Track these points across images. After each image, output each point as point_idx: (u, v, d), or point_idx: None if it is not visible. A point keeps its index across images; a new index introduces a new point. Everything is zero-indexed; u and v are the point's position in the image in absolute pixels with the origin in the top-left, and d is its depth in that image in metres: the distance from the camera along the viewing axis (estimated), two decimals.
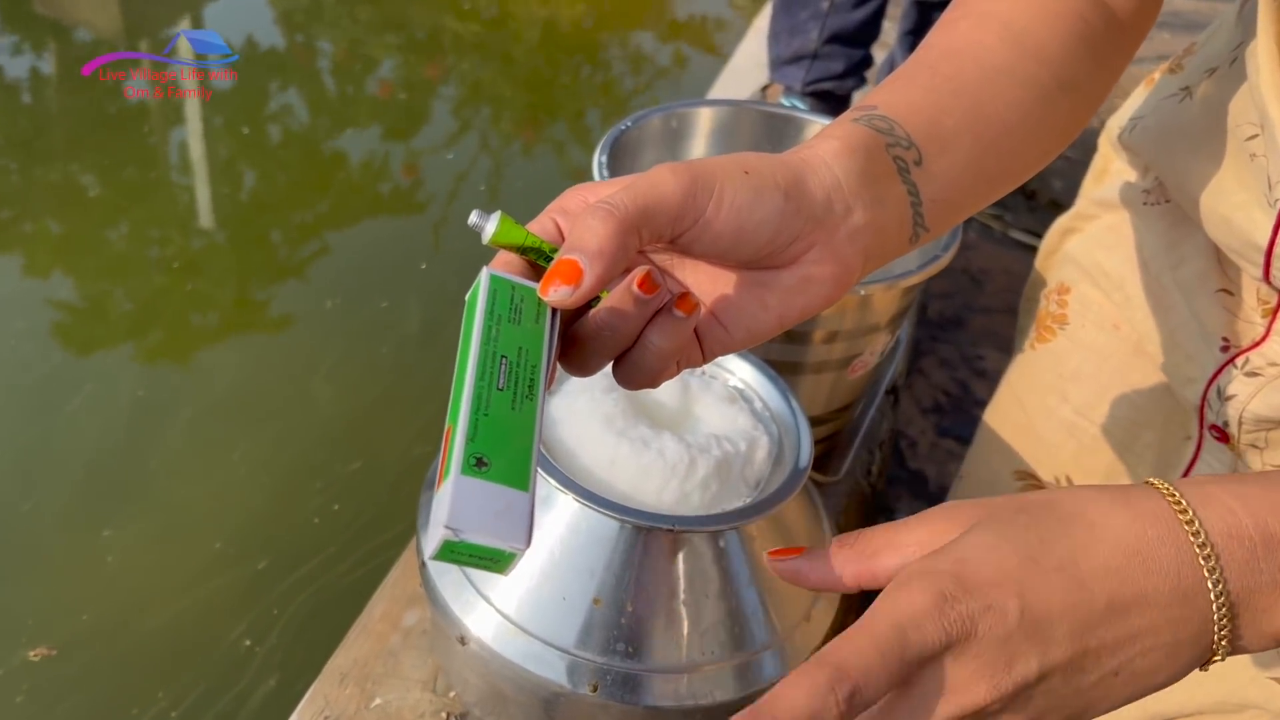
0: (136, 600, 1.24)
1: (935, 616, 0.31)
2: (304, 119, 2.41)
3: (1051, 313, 0.77)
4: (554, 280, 0.35)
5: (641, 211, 0.35)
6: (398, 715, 0.70)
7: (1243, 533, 0.32)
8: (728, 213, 0.36)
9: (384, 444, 1.48)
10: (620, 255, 0.34)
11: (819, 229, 0.38)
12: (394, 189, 2.20)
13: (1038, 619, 0.31)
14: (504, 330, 0.35)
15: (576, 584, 0.60)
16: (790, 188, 0.38)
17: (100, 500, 1.37)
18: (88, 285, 1.79)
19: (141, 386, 1.56)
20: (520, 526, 0.31)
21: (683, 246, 0.38)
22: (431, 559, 0.31)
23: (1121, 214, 0.72)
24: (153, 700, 1.14)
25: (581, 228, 0.34)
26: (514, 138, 2.53)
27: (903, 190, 0.41)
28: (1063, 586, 0.32)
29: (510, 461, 0.32)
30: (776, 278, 0.39)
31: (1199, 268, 0.62)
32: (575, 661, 0.59)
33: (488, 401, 0.33)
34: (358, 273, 1.88)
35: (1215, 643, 0.32)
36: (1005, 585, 0.31)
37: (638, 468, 0.61)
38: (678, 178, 0.36)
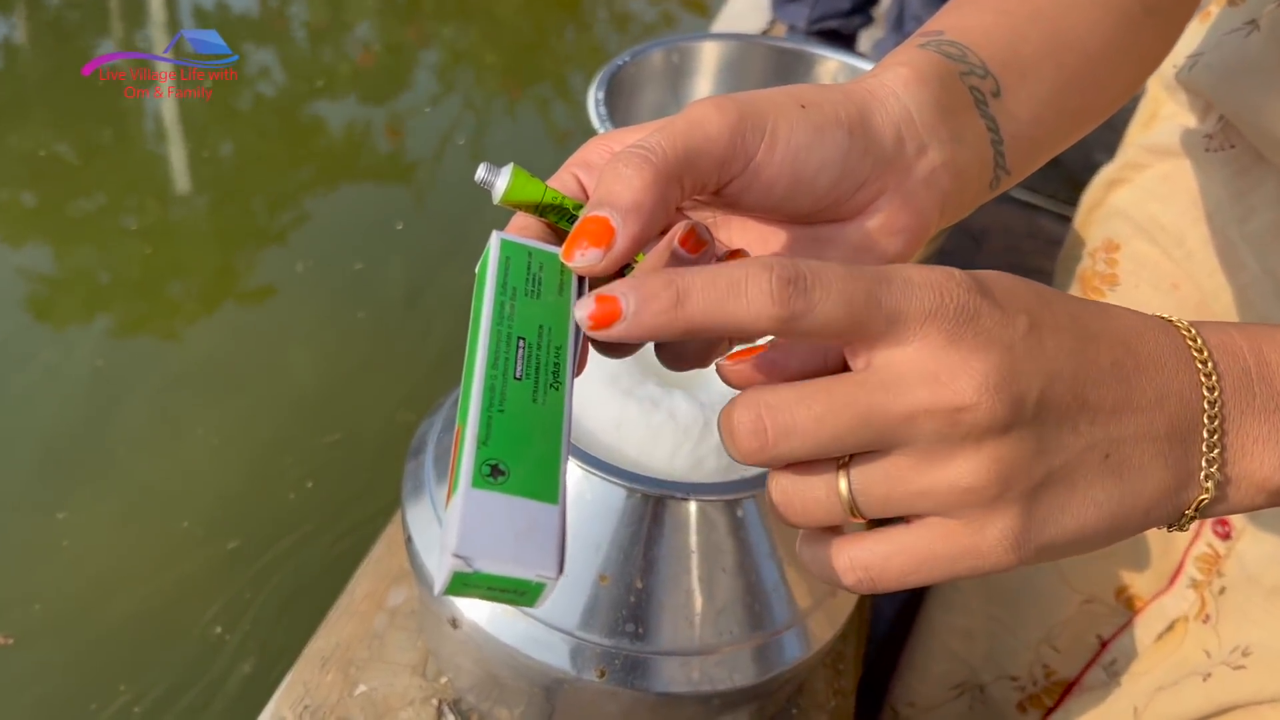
0: (96, 587, 1.17)
1: (933, 285, 0.26)
2: (281, 82, 2.32)
3: (1099, 272, 0.72)
4: (580, 242, 0.29)
5: (683, 156, 0.29)
6: (384, 703, 0.65)
7: (1238, 350, 0.29)
8: (783, 155, 0.31)
9: (365, 413, 1.42)
10: (659, 210, 0.29)
11: (889, 172, 0.33)
12: (371, 150, 2.13)
13: (1044, 343, 0.26)
14: (520, 306, 0.29)
15: (581, 559, 0.54)
16: (855, 123, 0.32)
17: (55, 480, 1.29)
18: (46, 251, 1.71)
19: (100, 356, 1.48)
20: (549, 549, 0.25)
21: (730, 198, 0.32)
22: (441, 594, 0.25)
23: (1178, 161, 0.67)
24: (114, 694, 1.07)
25: (612, 177, 0.29)
26: (497, 96, 2.46)
27: (982, 125, 0.36)
28: (1071, 332, 0.27)
29: (533, 468, 0.26)
30: (840, 232, 0.34)
31: (1271, 219, 0.57)
32: (580, 644, 0.54)
33: (503, 395, 0.27)
34: (333, 236, 1.80)
35: (1205, 465, 0.28)
36: (1015, 302, 0.27)
37: (647, 430, 0.55)
38: (723, 114, 0.30)
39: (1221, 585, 0.57)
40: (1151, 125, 0.70)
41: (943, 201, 0.35)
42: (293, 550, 1.23)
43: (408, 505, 0.61)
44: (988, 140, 0.36)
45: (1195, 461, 0.28)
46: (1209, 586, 0.58)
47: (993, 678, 0.72)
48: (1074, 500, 0.27)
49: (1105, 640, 0.65)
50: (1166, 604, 0.61)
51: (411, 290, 1.64)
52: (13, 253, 1.69)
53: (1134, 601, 0.64)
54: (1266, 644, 0.53)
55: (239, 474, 1.32)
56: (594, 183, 0.32)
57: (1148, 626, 0.62)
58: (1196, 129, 0.64)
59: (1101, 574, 0.65)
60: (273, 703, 0.65)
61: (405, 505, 0.62)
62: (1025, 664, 0.70)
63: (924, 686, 0.78)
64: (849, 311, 0.25)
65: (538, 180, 0.32)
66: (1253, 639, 0.54)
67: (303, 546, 1.24)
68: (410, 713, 0.64)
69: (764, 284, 0.25)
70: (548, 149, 2.21)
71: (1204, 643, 0.57)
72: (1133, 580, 0.64)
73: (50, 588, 1.16)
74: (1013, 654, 0.70)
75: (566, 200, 0.32)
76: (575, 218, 0.31)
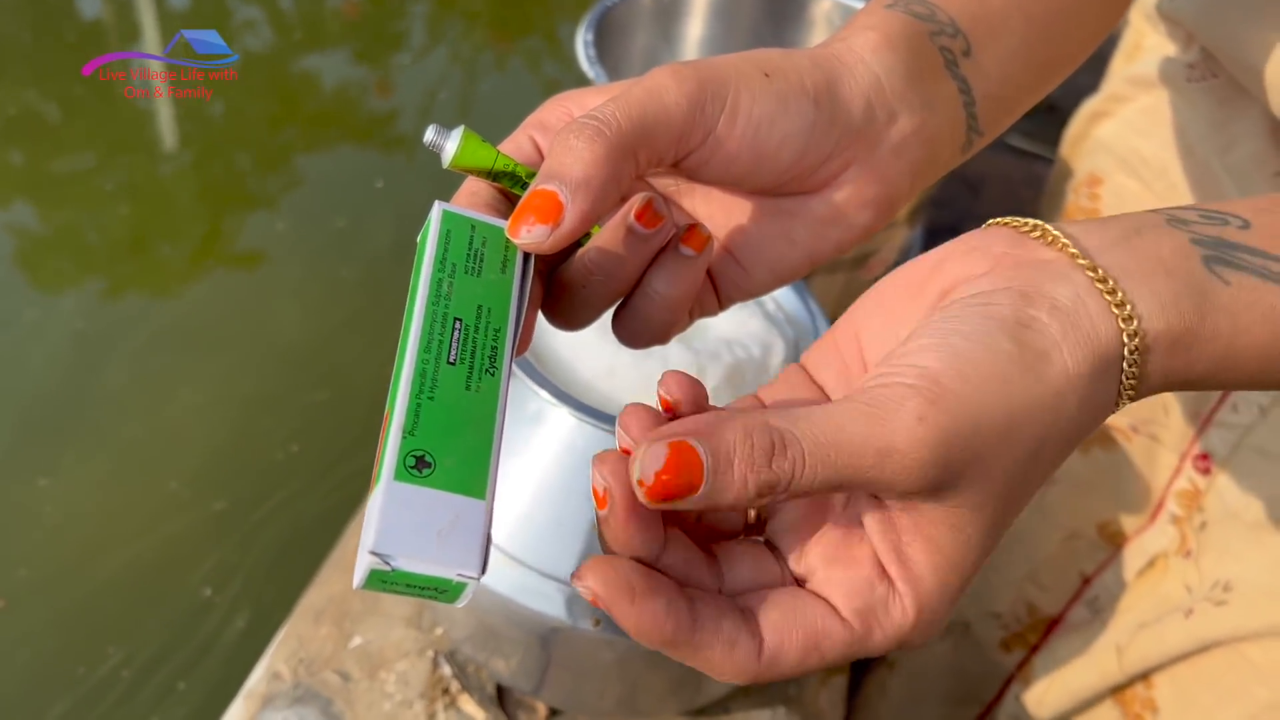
0: (80, 553, 1.15)
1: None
2: (263, 35, 2.28)
3: (1082, 207, 0.71)
4: (526, 217, 0.27)
5: (638, 128, 0.28)
6: (379, 655, 0.65)
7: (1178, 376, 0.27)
8: (744, 128, 0.30)
9: (355, 368, 1.40)
10: (611, 185, 0.27)
11: (857, 143, 0.32)
12: (355, 105, 2.09)
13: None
14: (459, 284, 0.28)
15: (574, 508, 0.53)
16: (821, 93, 0.31)
17: (35, 445, 1.26)
18: (26, 209, 1.67)
19: (80, 318, 1.44)
20: (473, 546, 0.24)
21: (689, 170, 0.31)
22: (359, 589, 0.24)
23: (1161, 93, 0.65)
24: (102, 657, 1.05)
25: (562, 149, 0.27)
26: (485, 50, 2.42)
27: (953, 87, 0.34)
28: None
29: (462, 460, 0.25)
30: (805, 205, 0.33)
31: (1253, 149, 0.56)
32: (573, 593, 0.53)
33: (433, 381, 0.26)
34: (317, 193, 1.77)
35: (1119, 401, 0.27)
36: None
37: (639, 377, 0.54)
38: (681, 84, 0.29)
39: (1202, 520, 0.57)
40: (1135, 57, 0.69)
41: (914, 170, 0.33)
42: (283, 506, 1.22)
43: None
44: (959, 102, 0.35)
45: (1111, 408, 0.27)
46: (1189, 522, 0.58)
47: (977, 615, 0.72)
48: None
49: (1088, 576, 0.65)
50: (1148, 540, 0.61)
51: (398, 247, 1.62)
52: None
53: (1116, 538, 0.64)
54: (1248, 578, 0.54)
55: (227, 433, 1.31)
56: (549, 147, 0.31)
57: (1130, 563, 0.62)
58: (1178, 60, 0.63)
59: (1084, 509, 0.65)
60: (267, 657, 0.64)
61: None
62: (1009, 601, 0.70)
63: None
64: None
65: (489, 145, 0.31)
66: (1234, 574, 0.54)
67: (293, 503, 1.23)
68: (406, 664, 0.64)
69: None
70: (537, 102, 2.18)
71: (1185, 578, 0.57)
72: (1115, 516, 0.64)
73: (32, 555, 1.14)
74: (996, 591, 0.71)
75: (519, 167, 0.31)
76: (529, 185, 0.30)
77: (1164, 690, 0.57)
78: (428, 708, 0.62)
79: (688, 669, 0.58)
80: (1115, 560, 0.63)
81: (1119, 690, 0.60)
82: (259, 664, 0.64)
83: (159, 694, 1.04)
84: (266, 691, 0.62)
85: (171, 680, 1.05)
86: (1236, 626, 0.54)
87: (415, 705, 0.62)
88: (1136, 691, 0.59)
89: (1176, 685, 0.57)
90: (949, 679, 0.76)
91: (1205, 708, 0.55)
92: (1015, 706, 0.68)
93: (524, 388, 0.54)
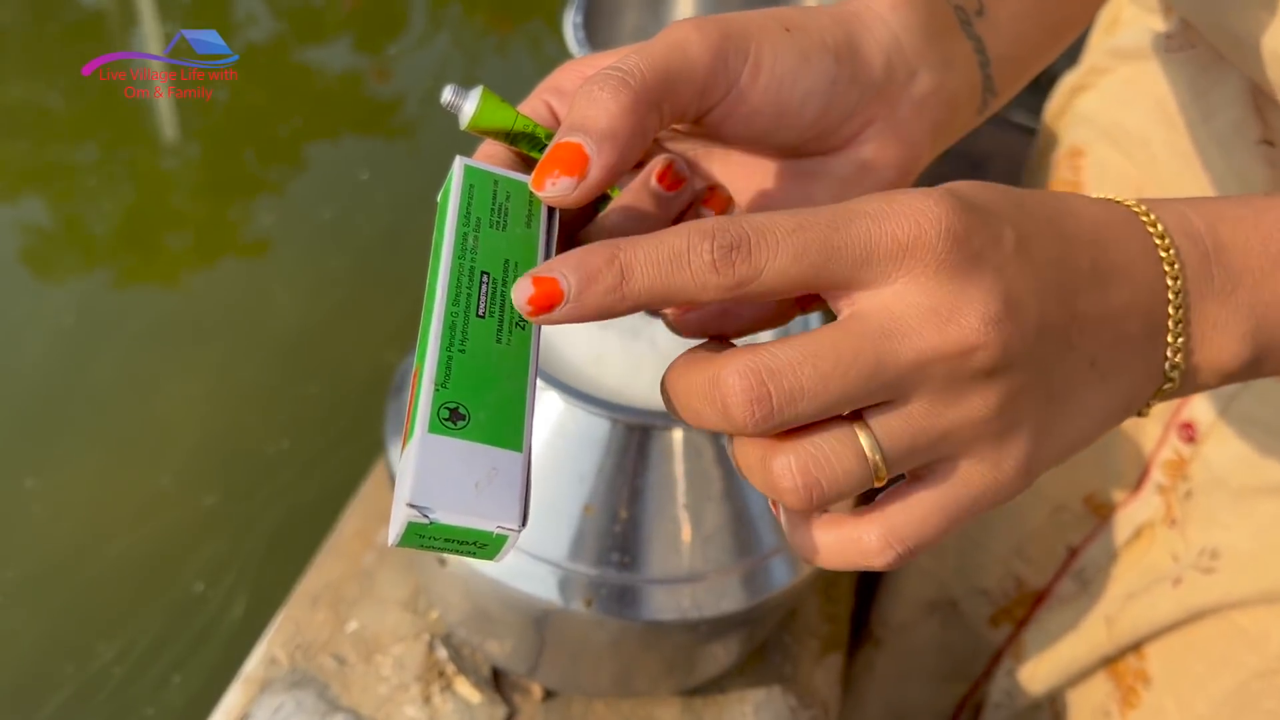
0: (69, 551, 1.14)
1: (908, 212, 0.23)
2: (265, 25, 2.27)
3: (1065, 179, 0.71)
4: (551, 170, 0.27)
5: (662, 80, 0.27)
6: (375, 639, 0.65)
7: (1196, 233, 0.28)
8: (767, 82, 0.29)
9: (351, 354, 1.40)
10: (637, 137, 0.27)
11: (878, 101, 0.31)
12: (356, 92, 2.08)
13: (1033, 258, 0.25)
14: (485, 238, 0.27)
15: (565, 491, 0.54)
16: (842, 49, 0.30)
17: (20, 445, 1.25)
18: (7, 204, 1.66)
19: (68, 313, 1.43)
20: (512, 498, 0.23)
21: (710, 128, 0.30)
22: (395, 545, 0.23)
23: (1142, 64, 0.65)
24: (91, 654, 1.05)
25: (586, 101, 0.27)
26: (486, 34, 2.41)
27: (968, 46, 0.34)
28: (1051, 237, 0.26)
29: (496, 412, 0.24)
30: (826, 165, 0.32)
31: (1233, 117, 0.56)
32: (566, 575, 0.53)
33: (464, 333, 0.25)
34: (312, 182, 1.77)
35: (1170, 355, 0.27)
36: (999, 215, 0.25)
37: (628, 360, 0.54)
38: (705, 36, 0.28)
39: (1188, 489, 0.57)
40: (1114, 30, 0.68)
41: (934, 129, 0.33)
42: (276, 497, 1.21)
43: (390, 444, 0.61)
44: (975, 62, 0.34)
45: (1162, 353, 0.27)
46: (1174, 491, 0.58)
47: (964, 592, 0.72)
48: (1070, 412, 0.26)
49: (1075, 549, 0.65)
50: (1134, 510, 0.61)
51: (391, 234, 1.62)
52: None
53: (1102, 509, 0.64)
54: (1235, 545, 0.54)
55: (217, 426, 1.30)
56: (566, 110, 0.30)
57: (1117, 534, 0.62)
58: (1158, 31, 0.63)
59: (1069, 481, 0.65)
60: (263, 642, 0.65)
61: (387, 445, 0.61)
62: (996, 577, 0.70)
63: (897, 605, 0.78)
64: (803, 266, 0.23)
65: (508, 105, 0.30)
66: (1221, 541, 0.54)
67: (286, 493, 1.22)
68: (401, 648, 0.64)
69: (705, 253, 0.23)
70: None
71: (1171, 547, 0.58)
72: (1100, 487, 0.64)
73: (21, 555, 1.13)
74: (983, 567, 0.71)
75: (539, 128, 0.30)
76: (547, 147, 0.29)
77: (1155, 661, 0.58)
78: (424, 690, 0.63)
79: (681, 649, 0.58)
80: (1102, 532, 0.64)
81: (1111, 662, 0.60)
82: (255, 649, 0.64)
83: (153, 686, 1.04)
84: (264, 676, 0.63)
85: (167, 673, 1.05)
86: (1225, 594, 0.54)
87: (411, 688, 0.63)
88: (1129, 663, 0.59)
89: (1168, 655, 0.57)
90: (936, 656, 0.76)
91: (1197, 676, 0.55)
92: (1006, 681, 0.68)
93: None
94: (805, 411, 0.23)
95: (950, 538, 0.27)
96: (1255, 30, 0.49)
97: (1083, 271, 0.26)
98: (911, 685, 0.78)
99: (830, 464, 0.24)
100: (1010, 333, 0.24)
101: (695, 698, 0.66)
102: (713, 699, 0.66)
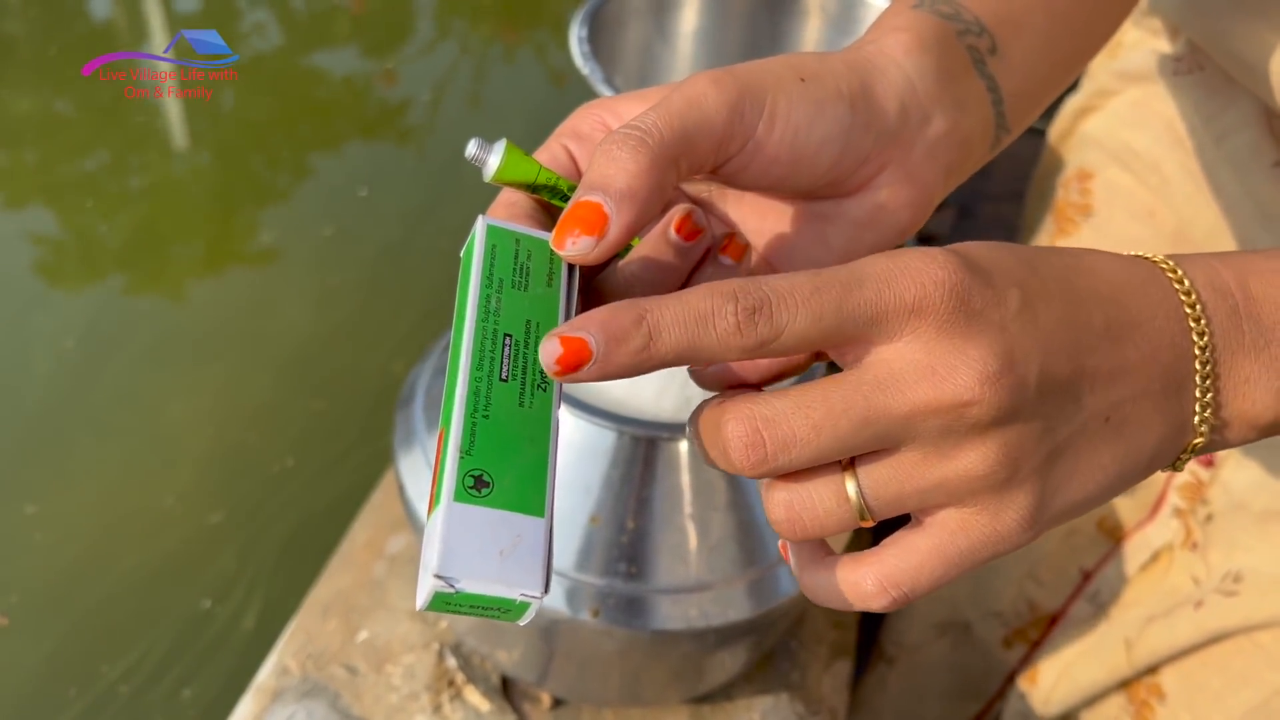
0: (71, 576, 1.13)
1: (913, 274, 0.24)
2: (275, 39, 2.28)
3: (1073, 202, 0.71)
4: (572, 229, 0.27)
5: (680, 137, 0.28)
6: (386, 649, 0.66)
7: (1225, 288, 0.28)
8: (782, 133, 0.30)
9: (359, 364, 1.40)
10: (655, 195, 0.27)
11: (893, 146, 0.32)
12: (363, 102, 2.09)
13: (1038, 318, 0.25)
14: (507, 299, 0.27)
15: (572, 502, 0.54)
16: (857, 97, 0.31)
17: (21, 470, 1.23)
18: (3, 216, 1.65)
19: (69, 334, 1.41)
20: (535, 565, 0.24)
21: (728, 175, 0.31)
22: (423, 610, 0.24)
23: (1149, 87, 0.65)
24: (95, 676, 1.04)
25: (605, 160, 0.27)
26: (493, 41, 2.41)
27: (982, 86, 0.34)
28: (1062, 298, 0.26)
29: (519, 478, 0.25)
30: (840, 208, 0.33)
31: (1248, 139, 0.56)
32: (573, 585, 0.54)
33: (488, 399, 0.25)
34: (316, 196, 1.77)
35: (1199, 410, 0.28)
36: (1004, 277, 0.26)
37: (634, 377, 0.55)
38: (721, 91, 0.29)
39: (1208, 513, 0.57)
40: (1117, 53, 0.68)
41: (948, 171, 0.33)
42: (282, 513, 1.20)
43: (399, 454, 0.61)
44: (988, 101, 0.35)
45: (1190, 408, 0.28)
46: (1194, 514, 0.58)
47: (978, 615, 0.72)
48: (1081, 468, 0.26)
49: (1088, 572, 0.65)
50: (1150, 533, 0.61)
51: (402, 243, 1.62)
52: None
53: (1115, 532, 0.64)
54: (1258, 569, 0.53)
55: (222, 443, 1.28)
56: (585, 155, 0.31)
57: (1132, 557, 0.62)
58: (1164, 53, 0.63)
59: None
60: (275, 652, 0.65)
61: (397, 454, 0.62)
62: (1009, 599, 0.70)
63: (909, 626, 0.78)
64: (821, 327, 0.24)
65: (531, 159, 0.31)
66: (1244, 564, 0.54)
67: (291, 507, 1.22)
68: (412, 657, 0.65)
69: (729, 316, 0.24)
70: (546, 93, 2.17)
71: (1192, 570, 0.57)
72: (1114, 511, 0.64)
73: (23, 581, 1.12)
74: (996, 590, 0.71)
75: (561, 181, 0.31)
76: (569, 199, 0.30)
77: (1170, 677, 0.57)
78: (434, 699, 0.63)
79: (688, 658, 0.59)
80: (1115, 555, 0.64)
81: (1127, 682, 0.60)
82: (268, 659, 0.65)
83: (164, 700, 1.04)
84: (276, 686, 0.63)
85: (176, 688, 1.05)
86: (1247, 616, 0.53)
87: (421, 697, 0.63)
88: (1143, 680, 0.59)
89: (1183, 672, 0.57)
90: (949, 675, 0.76)
91: (1214, 692, 0.55)
92: (1020, 703, 0.68)
93: None
94: (799, 458, 0.24)
95: (950, 583, 0.28)
96: (1264, 54, 0.49)
97: (1094, 328, 0.26)
98: (925, 703, 0.78)
99: (813, 504, 0.26)
100: (1008, 389, 0.24)
101: (703, 705, 0.66)
102: (721, 706, 0.67)
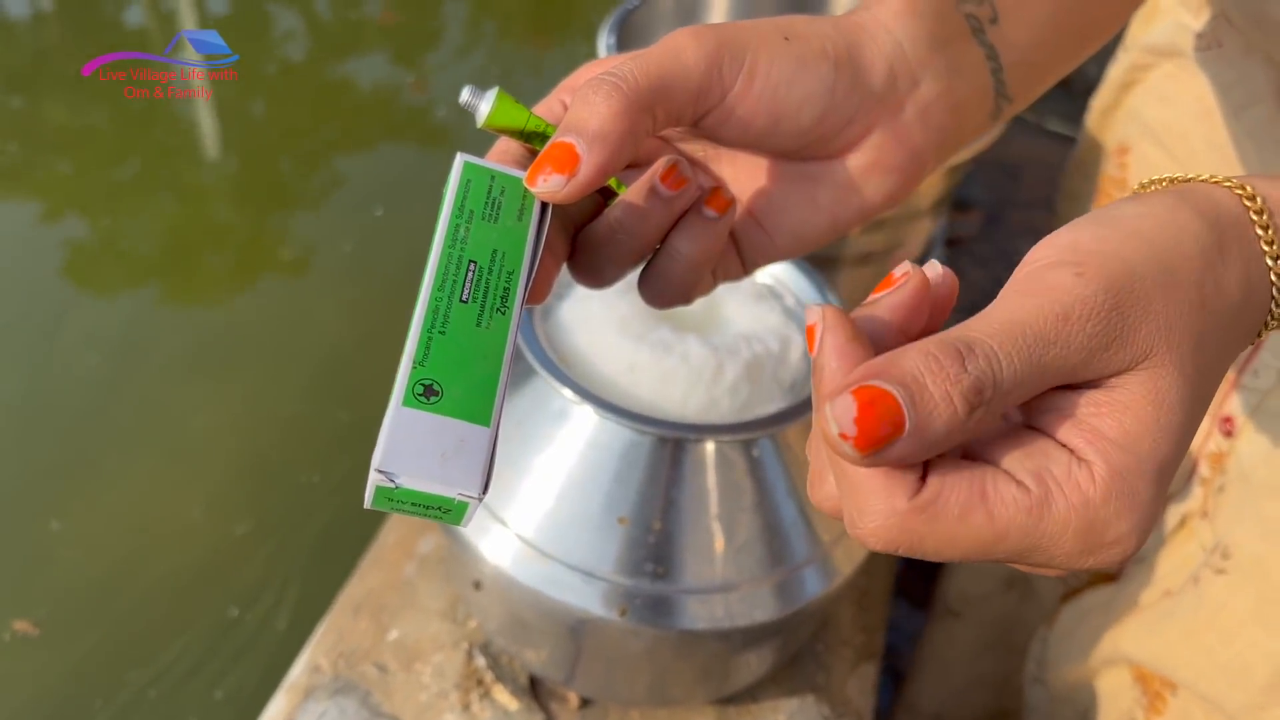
0: (96, 589, 1.12)
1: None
2: (304, 47, 2.30)
3: (1111, 176, 0.72)
4: (544, 167, 0.29)
5: (655, 86, 0.29)
6: (416, 647, 0.67)
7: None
8: (761, 89, 0.30)
9: (388, 375, 1.40)
10: (627, 139, 0.29)
11: (879, 108, 0.32)
12: (394, 108, 2.11)
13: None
14: (476, 230, 0.29)
15: (599, 502, 0.55)
16: (841, 57, 0.31)
17: (46, 485, 1.22)
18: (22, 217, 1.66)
19: (91, 351, 1.41)
20: (475, 468, 0.25)
21: (709, 129, 0.32)
22: (369, 507, 0.26)
23: (1180, 60, 0.65)
24: (121, 685, 1.04)
25: (580, 104, 0.29)
26: (523, 48, 2.43)
27: (979, 54, 0.35)
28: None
29: (469, 390, 0.26)
30: (828, 170, 0.33)
31: (1263, 113, 0.56)
32: (601, 585, 0.54)
33: (446, 316, 0.27)
34: (338, 202, 1.78)
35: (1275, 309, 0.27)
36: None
37: (660, 374, 0.55)
38: (700, 44, 0.30)
39: (1221, 483, 0.57)
40: (1151, 22, 0.68)
41: (940, 137, 0.34)
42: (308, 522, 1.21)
43: None
44: (986, 69, 0.35)
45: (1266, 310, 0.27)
46: (1212, 484, 0.58)
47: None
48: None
49: None
50: (1181, 500, 0.61)
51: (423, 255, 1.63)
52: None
53: None
54: (1244, 546, 0.53)
55: (248, 456, 1.28)
56: None
57: (1168, 522, 0.63)
58: (1189, 27, 0.63)
59: None
60: (307, 650, 0.66)
61: None
62: None
63: (975, 579, 0.81)
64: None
65: (522, 106, 0.32)
66: (1234, 538, 0.54)
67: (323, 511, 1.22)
68: (441, 656, 0.66)
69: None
70: None
71: (1201, 539, 0.58)
72: None
73: (46, 597, 1.11)
74: None
75: (549, 127, 0.32)
76: None
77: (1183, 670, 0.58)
78: (463, 698, 0.64)
79: (715, 658, 0.59)
80: (1160, 521, 0.64)
81: (1140, 671, 0.60)
82: (299, 658, 0.66)
83: (197, 701, 1.05)
84: (307, 684, 0.64)
85: (207, 689, 1.06)
86: (1229, 598, 0.54)
87: (451, 696, 0.64)
88: (1156, 672, 0.59)
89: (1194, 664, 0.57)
90: (1017, 629, 0.78)
91: (1223, 686, 0.55)
92: (1039, 649, 0.69)
93: (547, 386, 0.55)
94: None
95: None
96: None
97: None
98: (989, 655, 0.80)
99: None
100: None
101: (729, 706, 0.67)
102: (746, 708, 0.67)
